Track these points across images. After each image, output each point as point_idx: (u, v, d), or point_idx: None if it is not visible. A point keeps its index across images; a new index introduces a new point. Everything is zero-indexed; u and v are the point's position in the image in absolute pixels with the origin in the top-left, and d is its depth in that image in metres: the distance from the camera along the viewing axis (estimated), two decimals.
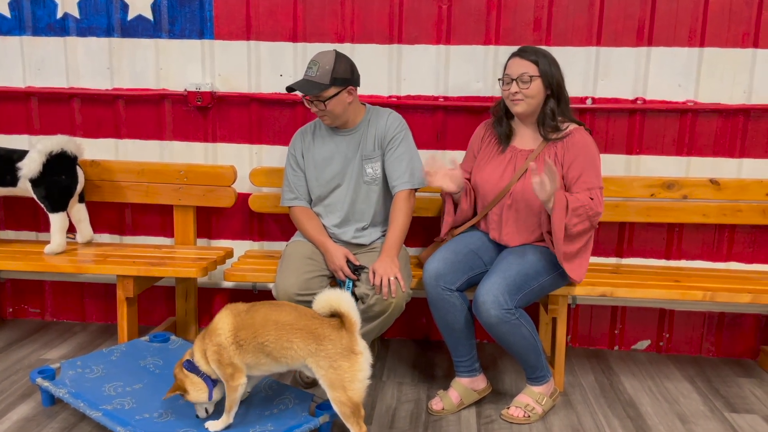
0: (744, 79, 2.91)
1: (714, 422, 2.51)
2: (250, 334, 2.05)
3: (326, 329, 2.03)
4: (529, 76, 2.41)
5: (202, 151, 3.18)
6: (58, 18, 3.11)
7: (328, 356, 2.01)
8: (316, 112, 2.57)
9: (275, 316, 2.06)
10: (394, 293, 2.40)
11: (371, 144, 2.65)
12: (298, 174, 2.74)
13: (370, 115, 2.68)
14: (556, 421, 2.48)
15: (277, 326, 2.04)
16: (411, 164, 2.63)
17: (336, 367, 2.00)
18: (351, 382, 2.00)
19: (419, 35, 2.99)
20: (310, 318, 2.06)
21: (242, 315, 2.09)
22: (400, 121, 2.67)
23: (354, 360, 2.01)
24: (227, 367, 2.06)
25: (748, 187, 2.93)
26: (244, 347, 2.05)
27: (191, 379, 2.12)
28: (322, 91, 2.49)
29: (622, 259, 3.12)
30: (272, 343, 2.04)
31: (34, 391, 2.59)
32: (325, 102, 2.51)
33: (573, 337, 3.23)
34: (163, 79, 3.13)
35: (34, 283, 3.41)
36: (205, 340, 2.10)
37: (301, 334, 2.03)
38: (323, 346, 2.01)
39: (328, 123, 2.61)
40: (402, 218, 2.57)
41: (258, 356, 2.06)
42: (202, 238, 3.26)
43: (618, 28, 2.91)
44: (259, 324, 2.06)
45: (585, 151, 2.45)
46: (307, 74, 2.51)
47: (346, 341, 2.02)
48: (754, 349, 3.15)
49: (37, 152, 2.81)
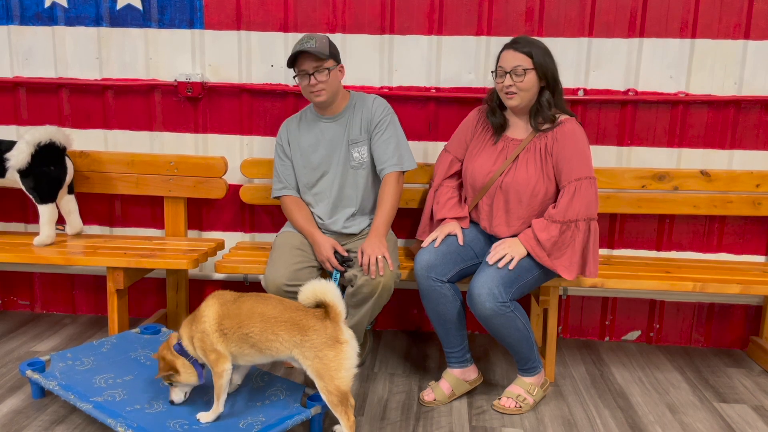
0: (735, 71, 2.92)
1: (703, 412, 2.52)
2: (235, 324, 2.06)
3: (311, 320, 2.04)
4: (523, 69, 2.40)
5: (192, 142, 3.16)
6: (45, 7, 3.07)
7: (314, 346, 2.02)
8: (313, 86, 2.53)
9: (261, 309, 2.08)
10: (382, 271, 2.41)
11: (357, 128, 2.65)
12: (286, 163, 2.74)
13: (354, 101, 2.68)
14: (547, 412, 2.49)
15: (263, 318, 2.06)
16: (399, 148, 2.64)
17: (321, 356, 2.01)
18: (337, 371, 2.01)
19: (411, 25, 2.98)
20: (294, 310, 2.07)
21: (228, 304, 2.10)
22: (385, 106, 2.67)
23: (339, 349, 2.02)
24: (211, 353, 2.08)
25: (738, 179, 2.94)
26: (229, 336, 2.07)
27: (182, 361, 2.14)
28: (324, 61, 2.50)
29: (613, 250, 3.13)
30: (257, 334, 2.05)
31: (24, 384, 2.58)
32: (330, 71, 2.52)
33: (564, 328, 3.25)
34: (153, 69, 3.10)
35: (23, 275, 3.38)
36: (192, 326, 2.13)
37: (285, 326, 2.04)
38: (308, 336, 2.03)
39: (322, 99, 2.57)
40: (390, 200, 2.58)
41: (242, 346, 2.07)
42: (193, 230, 3.25)
43: (610, 19, 2.91)
44: (244, 315, 2.07)
45: (574, 141, 2.44)
46: (305, 46, 2.49)
47: (331, 331, 2.03)
48: (743, 340, 3.17)
49: (26, 143, 2.78)
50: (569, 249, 2.42)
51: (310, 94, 2.59)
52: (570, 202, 2.39)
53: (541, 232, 2.39)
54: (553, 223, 2.39)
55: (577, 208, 2.40)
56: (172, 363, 2.13)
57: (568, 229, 2.40)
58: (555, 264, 2.41)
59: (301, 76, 2.55)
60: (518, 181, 2.45)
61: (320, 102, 2.60)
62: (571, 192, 2.40)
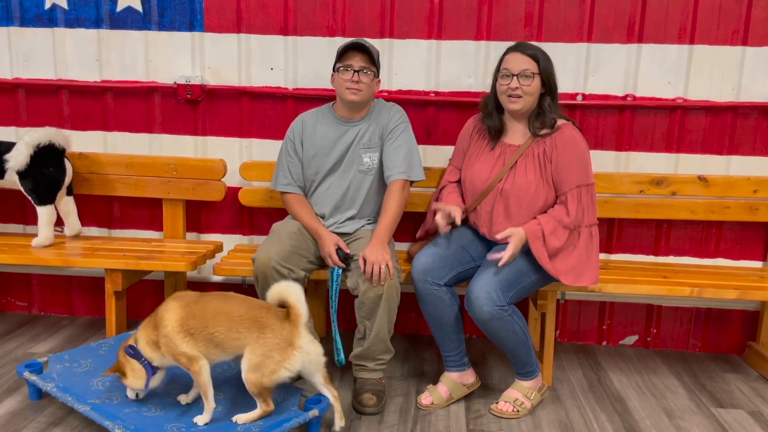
0: (733, 77, 2.93)
1: (700, 417, 2.53)
2: (201, 324, 2.07)
3: (271, 319, 2.06)
4: (531, 72, 2.40)
5: (191, 145, 3.16)
6: (45, 9, 3.08)
7: (265, 344, 2.04)
8: (355, 82, 2.51)
9: (226, 308, 2.09)
10: (384, 281, 2.40)
11: (373, 134, 2.64)
12: (294, 161, 2.71)
13: (375, 108, 2.68)
14: (545, 416, 2.49)
15: (228, 318, 2.07)
16: (409, 156, 2.62)
17: (268, 356, 2.03)
18: (272, 373, 2.03)
19: (411, 30, 2.99)
20: (258, 308, 2.10)
21: (191, 305, 2.11)
22: (402, 114, 2.68)
23: (288, 354, 2.03)
24: (180, 356, 2.09)
25: (735, 184, 2.95)
26: (195, 336, 2.08)
27: (131, 365, 2.15)
28: (372, 65, 2.52)
29: (610, 255, 3.14)
30: (222, 334, 2.07)
31: (22, 385, 2.57)
32: (374, 76, 2.55)
33: (561, 333, 3.25)
34: (153, 72, 3.11)
35: (21, 276, 3.38)
36: (153, 331, 2.12)
37: (248, 324, 2.06)
38: (264, 334, 2.04)
39: (356, 99, 2.54)
40: (395, 207, 2.56)
41: (208, 346, 2.09)
42: (192, 232, 3.25)
43: (609, 25, 2.92)
44: (210, 315, 2.08)
45: (573, 147, 2.44)
46: (362, 42, 2.50)
47: (287, 333, 2.04)
48: (740, 345, 3.18)
49: (25, 144, 2.78)
50: (571, 254, 2.43)
51: (346, 90, 2.53)
52: (578, 209, 2.40)
53: (551, 236, 2.37)
54: (565, 229, 2.39)
55: (583, 214, 2.41)
56: (121, 366, 2.15)
57: (572, 234, 2.41)
58: (557, 269, 2.40)
59: (345, 69, 2.51)
60: (518, 187, 2.45)
61: (351, 101, 2.55)
62: (577, 198, 2.41)
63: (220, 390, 2.32)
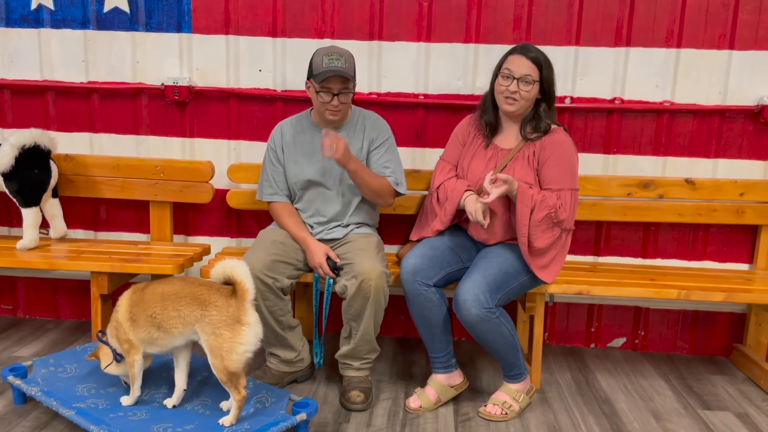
0: (720, 80, 2.95)
1: (687, 419, 2.54)
2: (141, 309, 2.11)
3: (213, 296, 2.06)
4: (532, 79, 2.40)
5: (179, 147, 3.14)
6: (32, 9, 3.05)
7: (212, 323, 2.03)
8: (335, 106, 2.49)
9: (161, 289, 2.11)
10: (337, 150, 2.38)
11: (359, 145, 2.63)
12: (278, 169, 2.70)
13: (357, 116, 2.67)
14: (533, 419, 2.49)
15: (163, 297, 2.09)
16: (396, 173, 2.64)
17: (218, 334, 2.02)
18: (229, 352, 2.02)
19: (400, 32, 2.99)
20: (197, 285, 2.10)
21: (138, 293, 2.16)
22: (389, 128, 2.69)
23: (238, 330, 2.02)
24: (124, 343, 2.15)
25: (722, 187, 2.97)
26: (138, 322, 2.11)
27: (103, 350, 2.24)
28: (350, 82, 2.50)
29: (598, 258, 3.15)
30: (159, 314, 2.08)
31: (6, 389, 2.54)
32: (353, 95, 2.53)
33: (550, 335, 3.26)
34: (140, 73, 3.08)
35: (6, 279, 3.35)
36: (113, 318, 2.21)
37: (185, 301, 2.07)
38: (208, 311, 2.04)
39: (337, 118, 2.54)
40: (379, 180, 2.57)
41: (150, 330, 2.11)
42: (179, 235, 3.23)
43: (597, 29, 2.93)
44: (147, 297, 2.12)
45: (561, 150, 2.45)
46: (335, 65, 2.43)
47: (234, 310, 2.03)
48: (727, 347, 3.19)
49: (10, 146, 2.76)
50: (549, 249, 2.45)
51: (325, 111, 2.53)
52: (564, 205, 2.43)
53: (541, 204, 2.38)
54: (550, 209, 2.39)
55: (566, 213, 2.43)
56: (96, 351, 2.25)
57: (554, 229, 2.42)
58: (534, 263, 2.43)
59: (325, 93, 2.48)
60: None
61: (331, 120, 2.56)
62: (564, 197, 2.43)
63: (207, 396, 2.31)
